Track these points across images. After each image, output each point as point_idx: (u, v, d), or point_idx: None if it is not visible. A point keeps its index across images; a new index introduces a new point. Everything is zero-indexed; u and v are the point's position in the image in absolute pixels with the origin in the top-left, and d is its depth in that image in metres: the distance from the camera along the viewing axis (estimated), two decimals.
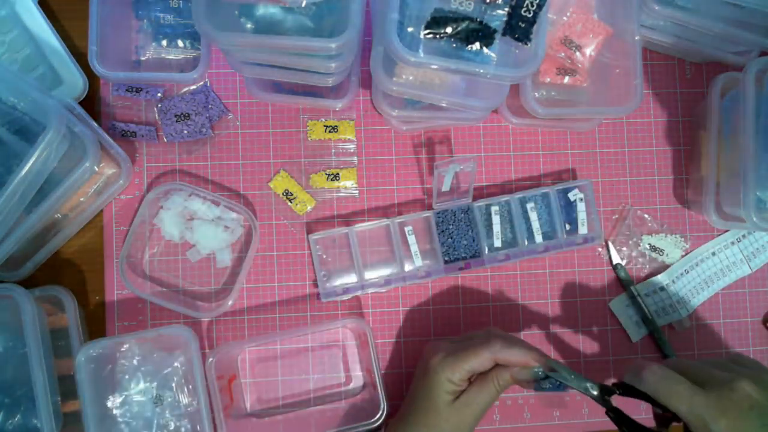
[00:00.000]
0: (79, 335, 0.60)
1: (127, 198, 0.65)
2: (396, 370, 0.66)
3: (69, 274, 0.64)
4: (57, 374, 0.57)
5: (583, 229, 0.65)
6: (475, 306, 0.67)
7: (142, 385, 0.59)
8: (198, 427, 0.58)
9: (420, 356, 0.60)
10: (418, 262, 0.64)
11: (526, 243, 0.65)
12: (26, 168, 0.50)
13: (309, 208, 0.66)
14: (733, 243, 0.69)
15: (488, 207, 0.65)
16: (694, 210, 0.69)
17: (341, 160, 0.67)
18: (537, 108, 0.60)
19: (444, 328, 0.66)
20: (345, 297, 0.64)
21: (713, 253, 0.69)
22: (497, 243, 0.65)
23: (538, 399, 0.67)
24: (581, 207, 0.65)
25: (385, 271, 0.65)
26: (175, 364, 0.60)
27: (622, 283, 0.68)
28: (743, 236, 0.70)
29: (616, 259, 0.68)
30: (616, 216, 0.69)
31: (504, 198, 0.65)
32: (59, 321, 0.60)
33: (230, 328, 0.65)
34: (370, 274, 0.64)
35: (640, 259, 0.68)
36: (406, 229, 0.64)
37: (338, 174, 0.66)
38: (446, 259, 0.64)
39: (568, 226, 0.66)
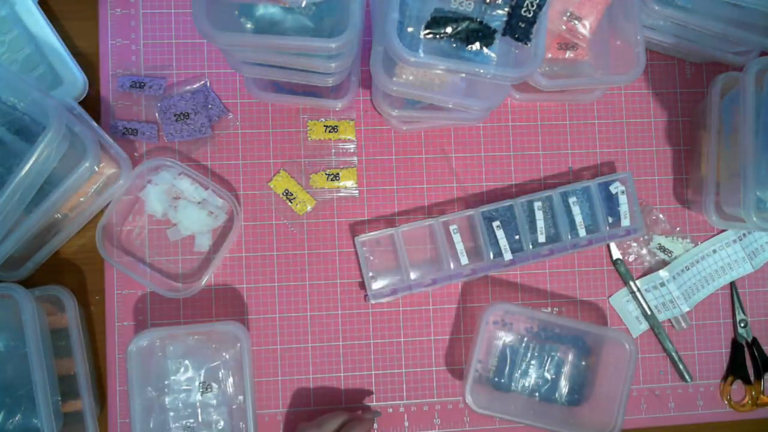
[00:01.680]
0: (79, 335, 0.60)
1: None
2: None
3: (69, 274, 0.64)
4: (57, 374, 0.57)
5: (625, 222, 0.66)
6: (475, 306, 0.67)
7: (188, 375, 0.61)
8: (241, 424, 0.60)
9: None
10: (464, 260, 0.64)
11: (569, 237, 0.65)
12: (26, 168, 0.50)
13: (309, 208, 0.66)
14: (734, 241, 0.69)
15: (530, 203, 0.65)
16: (694, 210, 0.69)
17: (341, 160, 0.67)
18: (541, 80, 0.60)
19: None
20: (392, 298, 0.64)
21: (714, 251, 0.69)
22: (541, 238, 0.65)
23: None
24: (623, 200, 0.66)
25: (428, 271, 0.65)
26: (224, 357, 0.62)
27: (622, 278, 0.68)
28: (744, 234, 0.70)
29: (616, 254, 0.68)
30: None
31: (546, 193, 0.66)
32: (59, 321, 0.60)
33: None
34: (415, 274, 0.64)
35: (648, 257, 0.68)
36: (452, 228, 0.64)
37: (338, 174, 0.66)
38: (492, 255, 0.64)
39: (609, 219, 0.66)
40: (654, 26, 0.65)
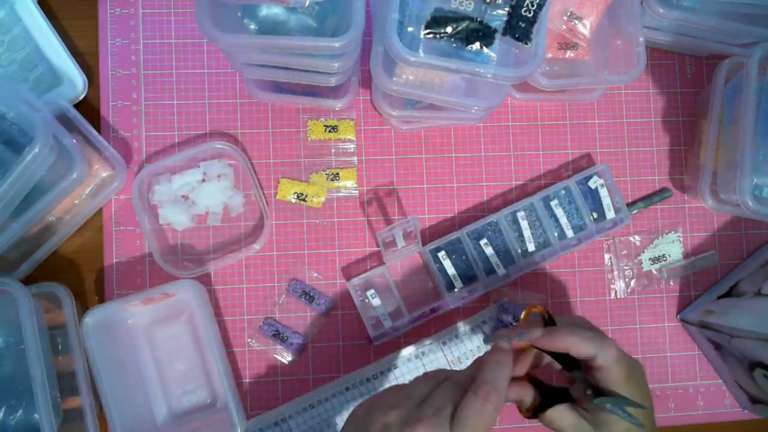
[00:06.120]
0: (77, 331, 0.60)
1: (126, 198, 0.65)
2: None
3: (68, 274, 0.64)
4: (57, 371, 0.57)
5: (610, 214, 0.66)
6: (476, 306, 0.67)
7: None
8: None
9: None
10: (458, 284, 0.64)
11: (558, 240, 0.65)
12: (10, 180, 0.50)
13: (323, 198, 0.66)
14: None
15: (513, 214, 0.65)
16: (690, 195, 0.69)
17: (341, 160, 0.67)
18: (541, 80, 0.60)
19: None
20: (393, 336, 0.63)
21: None
22: (531, 247, 0.65)
23: None
24: (604, 193, 0.66)
25: (425, 300, 0.65)
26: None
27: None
28: None
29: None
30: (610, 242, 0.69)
31: (527, 201, 0.66)
32: (57, 318, 0.60)
33: (234, 329, 0.65)
34: (411, 308, 0.64)
35: (646, 281, 0.69)
36: (440, 254, 0.64)
37: (338, 174, 0.66)
38: (486, 273, 0.64)
39: (594, 215, 0.67)
40: (656, 26, 0.65)
